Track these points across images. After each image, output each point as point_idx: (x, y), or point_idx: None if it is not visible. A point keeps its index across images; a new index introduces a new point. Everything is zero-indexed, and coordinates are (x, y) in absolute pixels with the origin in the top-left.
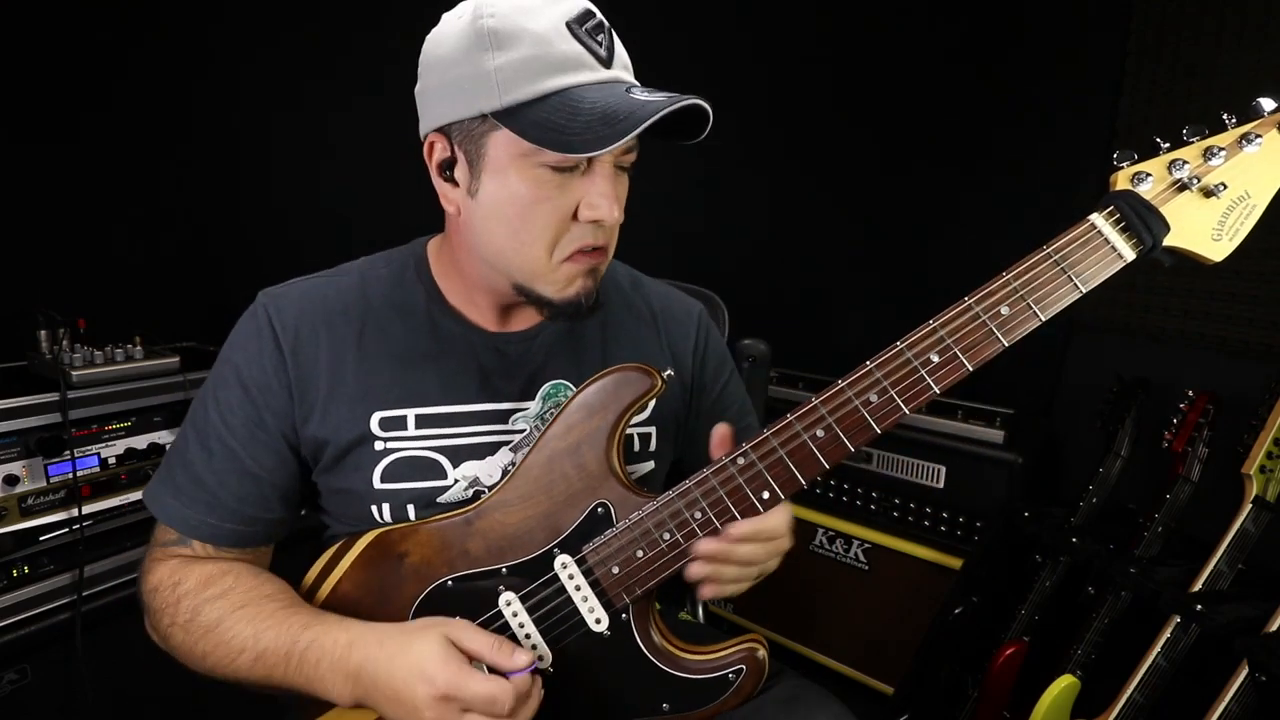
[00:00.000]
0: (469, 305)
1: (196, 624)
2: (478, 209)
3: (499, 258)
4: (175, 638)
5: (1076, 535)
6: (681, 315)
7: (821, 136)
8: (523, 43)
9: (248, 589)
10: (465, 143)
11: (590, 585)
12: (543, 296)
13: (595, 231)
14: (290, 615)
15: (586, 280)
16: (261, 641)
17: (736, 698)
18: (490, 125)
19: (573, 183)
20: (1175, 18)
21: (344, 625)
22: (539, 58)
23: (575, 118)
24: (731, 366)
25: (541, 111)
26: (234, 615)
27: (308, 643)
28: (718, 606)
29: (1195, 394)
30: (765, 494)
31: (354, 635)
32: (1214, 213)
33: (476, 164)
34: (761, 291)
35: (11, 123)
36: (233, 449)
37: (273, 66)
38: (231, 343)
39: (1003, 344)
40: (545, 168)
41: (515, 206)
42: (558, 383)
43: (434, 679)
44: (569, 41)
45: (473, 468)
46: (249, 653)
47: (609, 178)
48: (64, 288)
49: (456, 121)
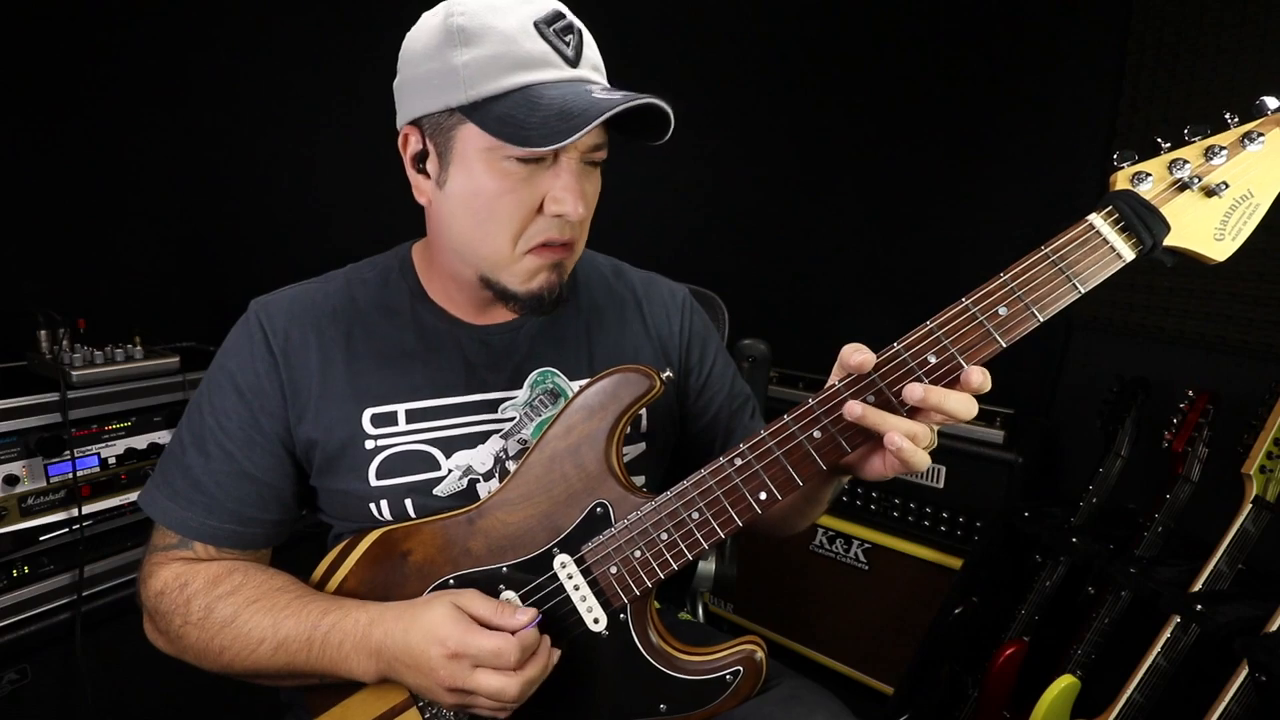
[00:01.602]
0: (452, 301)
1: (211, 620)
2: (446, 201)
3: (466, 248)
4: (189, 636)
5: (1076, 535)
6: (666, 298)
7: (821, 136)
8: (489, 40)
9: (258, 584)
10: (435, 135)
11: (589, 585)
12: (507, 289)
13: (561, 226)
14: (307, 603)
15: (551, 275)
16: (281, 630)
17: (734, 699)
18: (458, 119)
19: (539, 176)
20: (1175, 17)
21: (362, 607)
22: (504, 55)
23: (534, 113)
24: (719, 347)
25: (504, 107)
26: (249, 609)
27: (329, 626)
28: (718, 606)
29: (1195, 394)
30: (762, 495)
31: (373, 614)
32: (1216, 212)
33: (445, 156)
34: (761, 291)
35: (11, 123)
36: (230, 452)
37: (271, 68)
38: (225, 350)
39: (1000, 345)
40: (512, 160)
41: (481, 199)
42: (545, 370)
43: (445, 640)
44: (535, 40)
45: (465, 457)
46: (269, 642)
47: (575, 173)
48: (64, 288)
49: (427, 115)
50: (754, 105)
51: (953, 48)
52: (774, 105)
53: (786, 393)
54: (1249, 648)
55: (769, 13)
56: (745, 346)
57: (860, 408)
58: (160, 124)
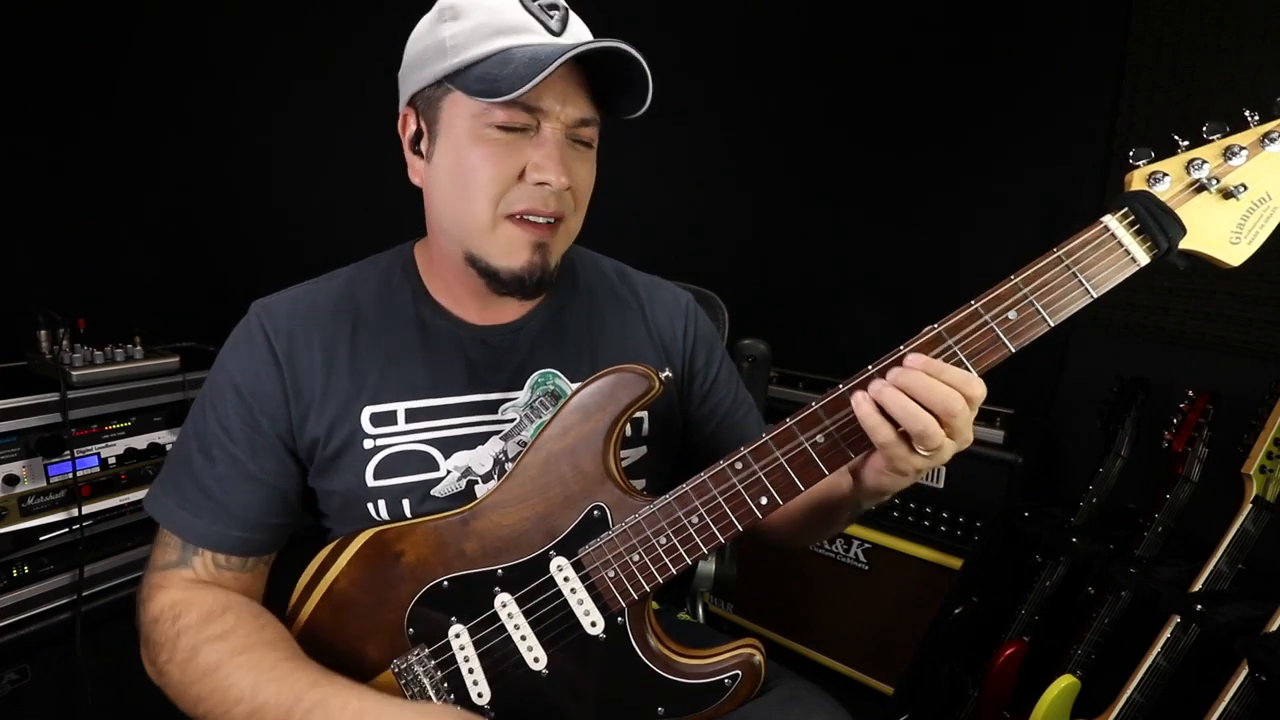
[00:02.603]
0: (453, 300)
1: (194, 665)
2: (433, 174)
3: (451, 220)
4: (171, 675)
5: (1076, 535)
6: (670, 303)
7: (821, 136)
8: (475, 13)
9: (249, 632)
10: (427, 111)
11: (586, 588)
12: (489, 265)
13: (544, 196)
14: (295, 671)
15: (533, 255)
16: (260, 695)
17: (732, 702)
18: (444, 90)
19: (521, 145)
20: (1175, 17)
21: (356, 691)
22: (487, 24)
23: (506, 66)
24: (723, 354)
25: (483, 68)
26: (234, 661)
27: (312, 703)
28: (717, 606)
29: (1195, 394)
30: (764, 499)
31: (366, 705)
32: (1233, 215)
33: (434, 129)
34: (761, 291)
35: (12, 122)
36: (235, 455)
37: (272, 67)
38: (225, 352)
39: (1009, 350)
40: (494, 128)
41: (462, 166)
42: (546, 371)
43: None
44: (518, 11)
45: (464, 458)
46: (245, 705)
47: (558, 143)
48: (64, 288)
49: (419, 91)
50: (754, 105)
51: (953, 47)
52: (774, 104)
53: (786, 393)
54: (1249, 648)
55: (768, 11)
56: (745, 346)
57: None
58: (161, 123)
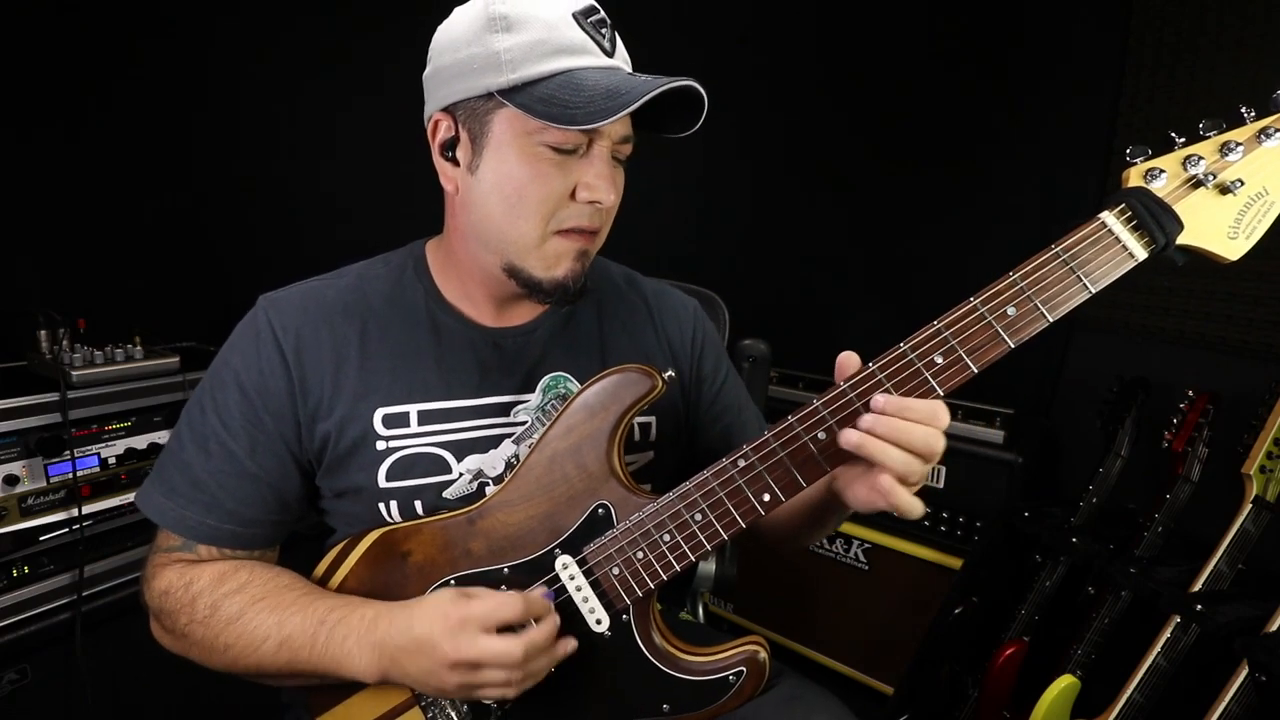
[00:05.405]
0: (466, 302)
1: (217, 617)
2: (477, 185)
3: (494, 234)
4: (195, 634)
5: (1076, 535)
6: (678, 309)
7: (821, 136)
8: (532, 27)
9: (263, 581)
10: (469, 121)
11: (591, 586)
12: (531, 276)
13: (591, 214)
14: (314, 600)
15: (575, 264)
16: (286, 628)
17: (737, 699)
18: (495, 104)
19: (571, 164)
20: (1175, 17)
21: (368, 603)
22: (546, 40)
23: (579, 93)
24: (729, 363)
25: (547, 89)
26: (255, 606)
27: (335, 622)
28: (718, 606)
29: (1195, 394)
30: (766, 496)
31: (379, 610)
32: (1230, 210)
33: (479, 141)
34: (761, 291)
35: (12, 122)
36: (232, 451)
37: (275, 65)
38: (229, 347)
39: (1009, 345)
40: (546, 147)
41: (513, 183)
42: (557, 374)
43: (448, 612)
44: (575, 30)
45: (476, 461)
46: (273, 640)
47: (607, 161)
48: (64, 288)
49: (463, 100)
50: (754, 105)
51: (953, 47)
52: (774, 104)
53: (786, 393)
54: (1249, 648)
55: (769, 12)
56: (745, 346)
57: (858, 436)
58: (161, 123)
